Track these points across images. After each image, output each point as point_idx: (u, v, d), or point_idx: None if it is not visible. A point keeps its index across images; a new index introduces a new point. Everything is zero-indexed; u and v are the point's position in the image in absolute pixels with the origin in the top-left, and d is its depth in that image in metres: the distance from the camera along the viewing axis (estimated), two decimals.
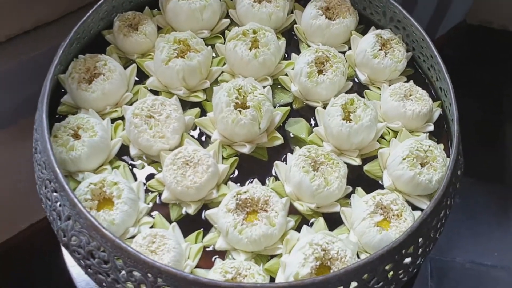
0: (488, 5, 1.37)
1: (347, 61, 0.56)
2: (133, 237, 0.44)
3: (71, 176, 0.47)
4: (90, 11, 0.53)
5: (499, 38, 1.37)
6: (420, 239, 0.42)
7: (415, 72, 0.57)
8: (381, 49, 0.55)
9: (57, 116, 0.51)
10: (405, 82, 0.55)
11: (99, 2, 0.53)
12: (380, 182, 0.49)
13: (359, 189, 0.48)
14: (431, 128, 0.52)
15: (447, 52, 1.44)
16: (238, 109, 0.48)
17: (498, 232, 1.18)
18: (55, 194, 0.41)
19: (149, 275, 0.37)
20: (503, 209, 1.17)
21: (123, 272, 0.38)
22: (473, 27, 1.42)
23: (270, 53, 0.53)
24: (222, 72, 0.55)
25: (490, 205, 1.16)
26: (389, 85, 0.55)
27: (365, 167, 0.50)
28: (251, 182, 0.48)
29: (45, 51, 0.61)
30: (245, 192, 0.45)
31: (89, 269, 0.41)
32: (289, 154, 0.50)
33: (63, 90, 0.52)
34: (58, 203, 0.41)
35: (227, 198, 0.45)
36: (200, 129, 0.51)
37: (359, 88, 0.56)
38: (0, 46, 0.59)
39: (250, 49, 0.53)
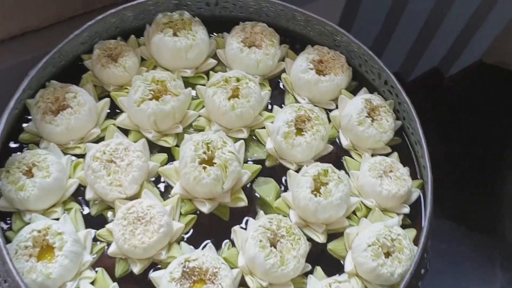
0: (506, 45, 1.33)
1: (331, 121, 0.53)
2: None
3: (19, 214, 0.45)
4: (70, 36, 0.50)
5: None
6: None
7: (402, 142, 0.54)
8: (368, 116, 0.51)
9: (17, 145, 0.49)
10: (388, 154, 0.52)
11: (81, 28, 0.51)
12: (342, 262, 0.47)
13: (318, 268, 0.46)
14: (406, 210, 0.49)
15: (459, 90, 1.41)
16: (203, 165, 0.45)
17: (483, 285, 1.15)
18: None
19: None
20: (490, 261, 1.14)
21: None
22: (488, 66, 1.39)
23: (249, 106, 0.50)
24: (199, 116, 0.52)
25: (476, 256, 1.14)
26: (372, 154, 0.52)
27: (329, 246, 0.47)
28: (205, 246, 0.46)
29: (29, 59, 0.59)
30: (194, 260, 0.42)
31: None
32: (250, 219, 0.47)
33: (29, 117, 0.50)
34: None
35: (174, 265, 0.42)
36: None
37: (340, 151, 0.53)
38: None
39: (229, 98, 0.50)
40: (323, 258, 0.47)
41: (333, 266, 0.46)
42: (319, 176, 0.47)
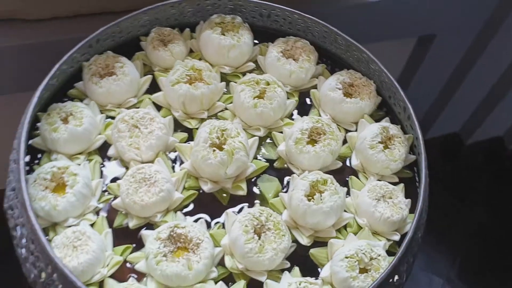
0: None
1: (347, 142, 0.56)
2: (70, 226, 0.47)
3: (48, 153, 0.51)
4: (130, 14, 0.57)
5: None
6: None
7: (412, 177, 0.55)
8: (381, 142, 0.53)
9: (65, 100, 0.55)
10: (395, 183, 0.53)
11: (141, 9, 0.57)
12: (320, 270, 0.48)
13: (296, 268, 0.47)
14: (396, 237, 0.50)
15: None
16: (214, 148, 0.49)
17: None
18: (14, 165, 0.45)
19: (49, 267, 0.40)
20: None
21: (32, 257, 0.41)
22: None
23: (270, 108, 0.54)
24: (226, 108, 0.57)
25: None
26: (378, 180, 0.53)
27: (311, 251, 0.49)
28: (198, 220, 0.49)
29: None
30: (182, 228, 0.46)
31: None
32: (245, 207, 0.50)
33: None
34: (13, 180, 0.45)
35: (163, 227, 0.46)
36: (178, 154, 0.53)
37: (348, 172, 0.55)
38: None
39: (254, 97, 0.54)
40: (303, 262, 0.48)
41: (312, 271, 0.48)
42: (317, 183, 0.49)
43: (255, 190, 0.52)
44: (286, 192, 0.52)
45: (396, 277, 0.43)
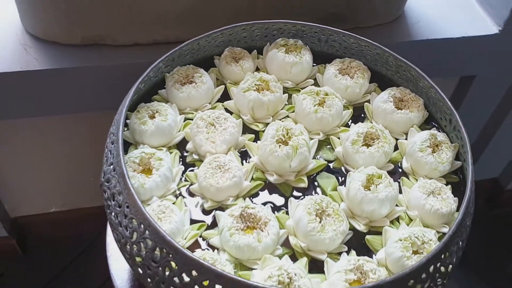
0: None
1: (398, 149, 0.61)
2: None
3: (135, 145, 0.59)
4: (207, 33, 0.66)
5: None
6: None
7: (459, 181, 0.60)
8: (430, 146, 0.59)
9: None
10: (442, 184, 0.58)
11: (215, 30, 0.66)
12: (374, 256, 0.52)
13: (353, 252, 0.52)
14: (445, 230, 0.54)
15: None
16: (279, 144, 0.56)
17: None
18: (112, 145, 0.53)
19: (147, 230, 0.46)
20: None
21: (126, 220, 0.48)
22: None
23: (329, 114, 0.60)
24: (288, 116, 0.64)
25: None
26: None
27: (367, 237, 0.53)
28: (265, 204, 0.55)
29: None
30: (252, 208, 0.52)
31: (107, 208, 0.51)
32: (306, 197, 0.56)
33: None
34: (111, 157, 0.53)
35: (236, 207, 0.52)
36: (247, 151, 0.60)
37: (399, 175, 0.60)
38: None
39: (315, 105, 0.61)
40: (360, 247, 0.53)
41: (367, 256, 0.52)
42: (372, 176, 0.55)
43: (315, 184, 0.58)
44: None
45: (447, 254, 0.47)
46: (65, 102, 0.82)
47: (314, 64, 0.70)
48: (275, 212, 0.55)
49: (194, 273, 0.43)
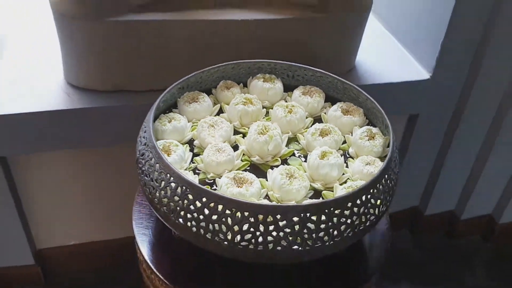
0: None
1: (346, 142, 0.86)
2: None
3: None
4: (207, 68, 0.92)
5: None
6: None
7: None
8: (366, 136, 0.83)
9: None
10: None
11: (213, 66, 0.93)
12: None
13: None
14: None
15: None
16: (260, 134, 0.80)
17: None
18: (144, 133, 0.77)
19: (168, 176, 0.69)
20: None
21: (156, 174, 0.70)
22: None
23: (295, 118, 0.85)
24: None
25: None
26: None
27: (324, 192, 0.76)
28: None
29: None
30: (241, 173, 0.75)
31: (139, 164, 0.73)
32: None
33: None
34: (144, 140, 0.76)
35: (231, 173, 0.75)
36: (237, 145, 0.84)
37: (346, 157, 0.84)
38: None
39: (285, 112, 0.86)
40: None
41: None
42: (326, 152, 0.78)
43: (287, 164, 0.81)
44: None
45: (375, 190, 0.70)
46: (91, 138, 1.08)
47: (284, 92, 0.96)
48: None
49: (204, 199, 0.65)
